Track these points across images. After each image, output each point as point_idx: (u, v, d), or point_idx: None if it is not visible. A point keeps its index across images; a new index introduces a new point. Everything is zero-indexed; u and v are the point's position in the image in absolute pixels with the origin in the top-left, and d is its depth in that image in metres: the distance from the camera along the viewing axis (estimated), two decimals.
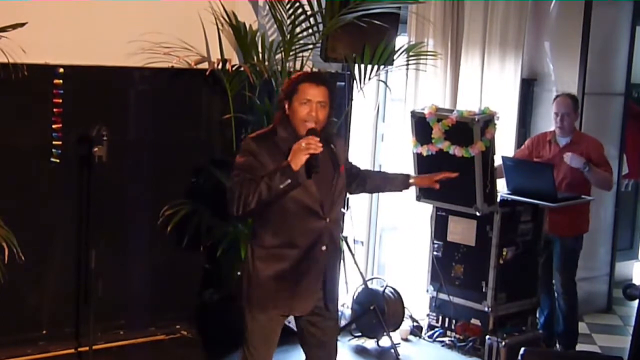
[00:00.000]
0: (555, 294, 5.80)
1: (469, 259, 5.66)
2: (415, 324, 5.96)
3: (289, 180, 3.44)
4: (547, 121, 6.14)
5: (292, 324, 3.89)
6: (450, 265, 5.75)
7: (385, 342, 5.65)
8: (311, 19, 5.32)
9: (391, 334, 5.58)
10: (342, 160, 3.79)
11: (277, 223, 3.65)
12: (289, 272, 3.65)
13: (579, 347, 5.85)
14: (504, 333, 5.48)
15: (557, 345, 5.84)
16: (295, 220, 3.63)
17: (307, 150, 3.43)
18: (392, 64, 5.58)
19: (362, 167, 4.09)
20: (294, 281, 3.65)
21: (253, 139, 3.68)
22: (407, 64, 5.68)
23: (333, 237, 3.72)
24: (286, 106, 3.62)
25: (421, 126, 5.55)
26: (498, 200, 5.53)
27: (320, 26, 5.33)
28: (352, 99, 5.63)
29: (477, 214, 5.46)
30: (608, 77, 6.80)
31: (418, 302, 6.04)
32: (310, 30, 5.36)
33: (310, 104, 3.57)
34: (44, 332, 5.10)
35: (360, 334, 5.82)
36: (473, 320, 5.65)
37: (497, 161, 5.53)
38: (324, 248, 3.65)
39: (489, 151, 5.37)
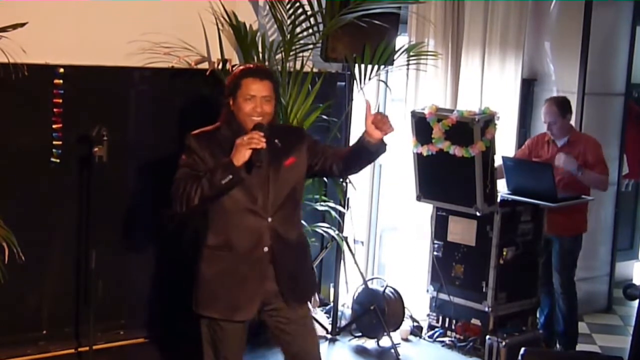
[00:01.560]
0: (555, 294, 5.80)
1: (469, 259, 5.66)
2: (415, 324, 5.96)
3: (231, 176, 3.38)
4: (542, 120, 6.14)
5: None
6: (450, 265, 5.75)
7: (385, 342, 5.65)
8: (311, 19, 5.32)
9: (391, 334, 5.58)
10: (294, 153, 3.62)
11: (216, 222, 3.62)
12: (228, 274, 3.58)
13: (579, 347, 5.85)
14: (504, 333, 5.48)
15: (557, 345, 5.84)
16: (232, 220, 3.56)
17: (249, 144, 3.36)
18: (392, 64, 5.58)
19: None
20: (233, 284, 3.58)
21: (194, 135, 3.63)
22: (408, 64, 5.68)
23: (280, 236, 3.56)
24: (231, 103, 3.57)
25: (421, 126, 5.55)
26: (498, 200, 5.53)
27: (321, 26, 5.33)
28: (352, 99, 5.64)
29: (478, 214, 5.46)
30: (608, 77, 6.80)
31: (418, 302, 6.04)
32: (310, 30, 5.36)
33: (254, 99, 3.52)
34: (44, 332, 5.10)
35: (360, 334, 5.82)
36: (473, 321, 5.66)
37: (498, 161, 5.54)
38: (265, 249, 3.54)
39: (489, 151, 5.37)
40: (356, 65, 5.40)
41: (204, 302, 3.65)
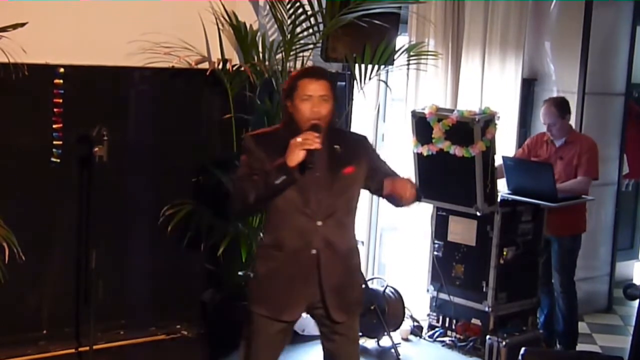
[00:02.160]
0: (555, 294, 5.80)
1: (470, 259, 5.66)
2: (415, 323, 5.96)
3: (284, 177, 3.36)
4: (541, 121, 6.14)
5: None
6: (450, 265, 5.75)
7: (385, 342, 5.65)
8: (312, 19, 5.32)
9: (392, 333, 5.58)
10: (354, 162, 3.57)
11: (270, 221, 3.62)
12: (277, 273, 3.57)
13: (580, 347, 5.85)
14: (504, 333, 5.48)
15: (558, 345, 5.83)
16: (284, 219, 3.54)
17: (303, 145, 3.34)
18: (392, 64, 5.58)
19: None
20: (282, 284, 3.56)
21: (251, 135, 3.64)
22: (408, 64, 5.68)
23: (329, 241, 3.53)
24: (289, 105, 3.55)
25: (422, 126, 5.55)
26: (498, 200, 5.53)
27: (321, 26, 5.33)
28: (352, 99, 5.63)
29: (478, 213, 5.46)
30: (608, 77, 6.80)
31: (418, 302, 6.04)
32: (310, 30, 5.36)
33: (311, 99, 3.49)
34: (44, 332, 5.10)
35: (360, 333, 5.80)
36: (473, 320, 5.65)
37: (498, 161, 5.53)
38: (313, 252, 3.51)
39: (490, 151, 5.37)
40: (356, 65, 5.39)
41: (255, 299, 3.64)
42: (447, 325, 5.82)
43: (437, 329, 5.86)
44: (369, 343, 5.73)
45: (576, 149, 5.62)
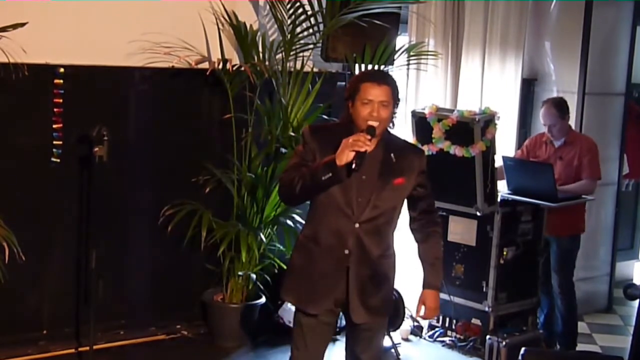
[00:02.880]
0: (554, 294, 5.80)
1: (470, 259, 5.66)
2: (415, 323, 5.96)
3: (330, 174, 3.37)
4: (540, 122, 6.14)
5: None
6: (450, 265, 5.75)
7: (385, 341, 5.64)
8: (312, 19, 5.32)
9: (392, 333, 5.57)
10: (406, 174, 3.58)
11: (312, 214, 3.66)
12: (311, 266, 3.62)
13: (580, 347, 5.85)
14: (504, 333, 5.47)
15: (557, 346, 5.83)
16: (325, 214, 3.57)
17: (353, 146, 3.33)
18: (392, 64, 5.58)
19: (435, 217, 3.85)
20: (313, 277, 3.61)
21: (309, 128, 3.66)
22: (408, 64, 5.69)
23: (363, 245, 3.56)
24: (350, 105, 3.55)
25: (422, 126, 5.55)
26: (498, 200, 5.53)
27: (321, 26, 5.34)
28: None
29: (478, 213, 5.46)
30: (608, 77, 6.80)
31: None
32: (310, 30, 5.36)
33: (372, 104, 3.47)
34: (45, 332, 5.10)
35: None
36: (473, 320, 5.65)
37: (498, 162, 5.53)
38: (346, 252, 3.55)
39: (490, 151, 5.37)
40: (356, 65, 5.40)
41: (287, 287, 3.72)
42: (447, 325, 5.81)
43: (437, 329, 5.86)
44: None
45: (576, 149, 5.62)
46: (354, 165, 3.33)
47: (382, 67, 5.48)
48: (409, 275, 6.20)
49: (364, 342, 3.76)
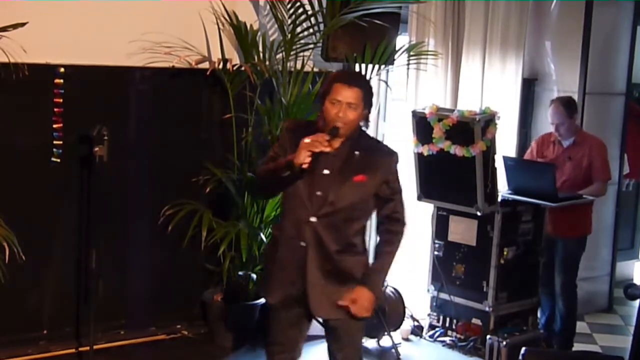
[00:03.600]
0: (555, 294, 5.80)
1: (470, 259, 5.66)
2: (416, 323, 5.96)
3: (289, 172, 3.45)
4: (548, 121, 6.13)
5: None
6: (451, 265, 5.75)
7: (386, 341, 5.65)
8: (312, 19, 5.32)
9: (392, 333, 5.57)
10: (368, 173, 3.60)
11: (282, 206, 3.78)
12: (274, 257, 3.71)
13: (580, 346, 5.85)
14: (504, 333, 5.48)
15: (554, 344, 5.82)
16: (289, 208, 3.67)
17: (309, 147, 3.39)
18: (392, 64, 5.58)
19: (396, 226, 3.75)
20: (274, 267, 3.71)
21: (289, 122, 3.79)
22: (408, 64, 5.68)
23: (320, 239, 3.58)
24: (322, 104, 3.61)
25: (422, 126, 5.55)
26: (499, 200, 5.53)
27: (321, 26, 5.33)
28: None
29: (478, 213, 5.46)
30: (609, 76, 6.79)
31: (419, 301, 6.04)
32: (311, 30, 5.36)
33: (339, 104, 3.52)
34: (45, 332, 5.10)
35: None
36: (474, 320, 5.65)
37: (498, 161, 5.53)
38: (302, 244, 3.59)
39: (490, 151, 5.36)
40: (357, 65, 5.39)
41: (260, 279, 3.80)
42: (447, 325, 5.81)
43: (437, 329, 5.86)
44: (369, 343, 5.73)
45: (585, 150, 5.59)
46: (305, 165, 3.41)
47: (382, 66, 5.48)
48: (409, 275, 6.22)
49: (337, 340, 3.77)
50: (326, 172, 3.56)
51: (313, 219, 3.57)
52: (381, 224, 3.78)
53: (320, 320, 3.81)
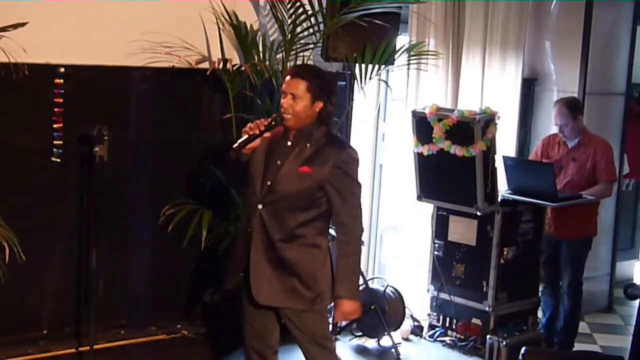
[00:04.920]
0: (560, 295, 5.79)
1: (470, 259, 5.66)
2: (416, 323, 5.96)
3: (235, 156, 3.69)
4: (548, 121, 6.13)
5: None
6: (451, 264, 5.75)
7: (386, 341, 5.65)
8: (312, 19, 5.32)
9: (392, 333, 5.58)
10: (315, 165, 3.65)
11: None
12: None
13: (580, 346, 5.85)
14: (504, 333, 5.48)
15: (555, 342, 5.82)
16: (246, 196, 3.84)
17: (246, 130, 3.65)
18: (393, 64, 5.58)
19: (348, 237, 3.72)
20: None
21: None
22: (408, 64, 5.68)
23: (264, 226, 3.67)
24: None
25: (422, 126, 5.56)
26: (499, 199, 5.53)
27: (321, 26, 5.33)
28: (353, 99, 5.63)
29: (478, 213, 5.46)
30: (609, 76, 6.80)
31: (419, 301, 6.04)
32: (311, 30, 5.35)
33: (284, 95, 3.69)
34: (45, 331, 5.10)
35: (361, 333, 5.82)
36: (474, 320, 5.65)
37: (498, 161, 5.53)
38: (249, 230, 3.71)
39: (490, 151, 5.37)
40: (357, 65, 5.39)
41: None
42: (447, 325, 5.82)
43: (437, 329, 5.87)
44: (369, 343, 5.74)
45: (590, 151, 5.58)
46: (236, 145, 3.65)
47: (382, 66, 5.48)
48: (409, 275, 6.23)
49: (294, 333, 3.81)
50: (278, 162, 3.69)
51: (260, 207, 3.68)
52: (337, 234, 3.78)
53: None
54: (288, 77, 3.70)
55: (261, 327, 3.86)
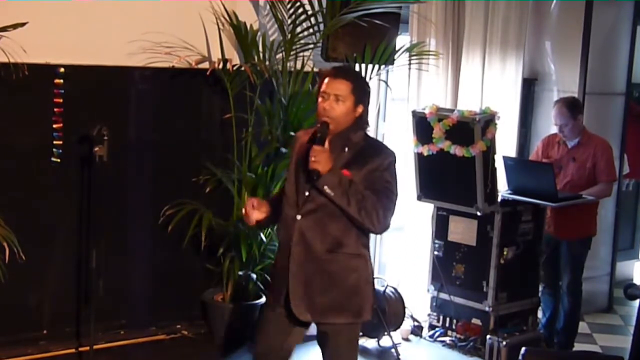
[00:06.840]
0: (560, 295, 5.79)
1: (470, 259, 5.66)
2: (416, 323, 5.96)
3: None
4: (548, 121, 6.13)
5: None
6: (451, 265, 5.75)
7: (386, 341, 5.65)
8: (312, 19, 5.32)
9: (392, 333, 5.58)
10: (354, 169, 3.47)
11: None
12: (275, 262, 3.75)
13: (580, 346, 5.85)
14: (504, 333, 5.48)
15: (555, 341, 5.82)
16: (283, 208, 3.60)
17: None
18: (393, 64, 5.58)
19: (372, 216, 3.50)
20: (274, 272, 3.75)
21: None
22: (409, 64, 5.69)
23: (305, 239, 3.50)
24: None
25: (422, 126, 5.55)
26: (499, 199, 5.53)
27: (321, 26, 5.33)
28: None
29: (478, 213, 5.46)
30: (609, 76, 6.80)
31: (419, 301, 6.04)
32: (311, 30, 5.36)
33: (327, 97, 3.48)
34: (45, 331, 5.10)
35: (361, 333, 5.80)
36: (474, 320, 5.65)
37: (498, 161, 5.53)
38: (291, 244, 3.52)
39: (490, 151, 5.37)
40: (357, 65, 5.39)
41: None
42: (447, 325, 5.81)
43: (437, 329, 5.86)
44: (369, 343, 5.73)
45: (590, 151, 5.58)
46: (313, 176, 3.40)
47: (382, 66, 5.48)
48: (409, 275, 6.23)
49: (327, 348, 3.64)
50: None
51: (299, 217, 3.51)
52: None
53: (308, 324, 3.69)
54: (328, 79, 3.50)
55: (278, 341, 3.66)
